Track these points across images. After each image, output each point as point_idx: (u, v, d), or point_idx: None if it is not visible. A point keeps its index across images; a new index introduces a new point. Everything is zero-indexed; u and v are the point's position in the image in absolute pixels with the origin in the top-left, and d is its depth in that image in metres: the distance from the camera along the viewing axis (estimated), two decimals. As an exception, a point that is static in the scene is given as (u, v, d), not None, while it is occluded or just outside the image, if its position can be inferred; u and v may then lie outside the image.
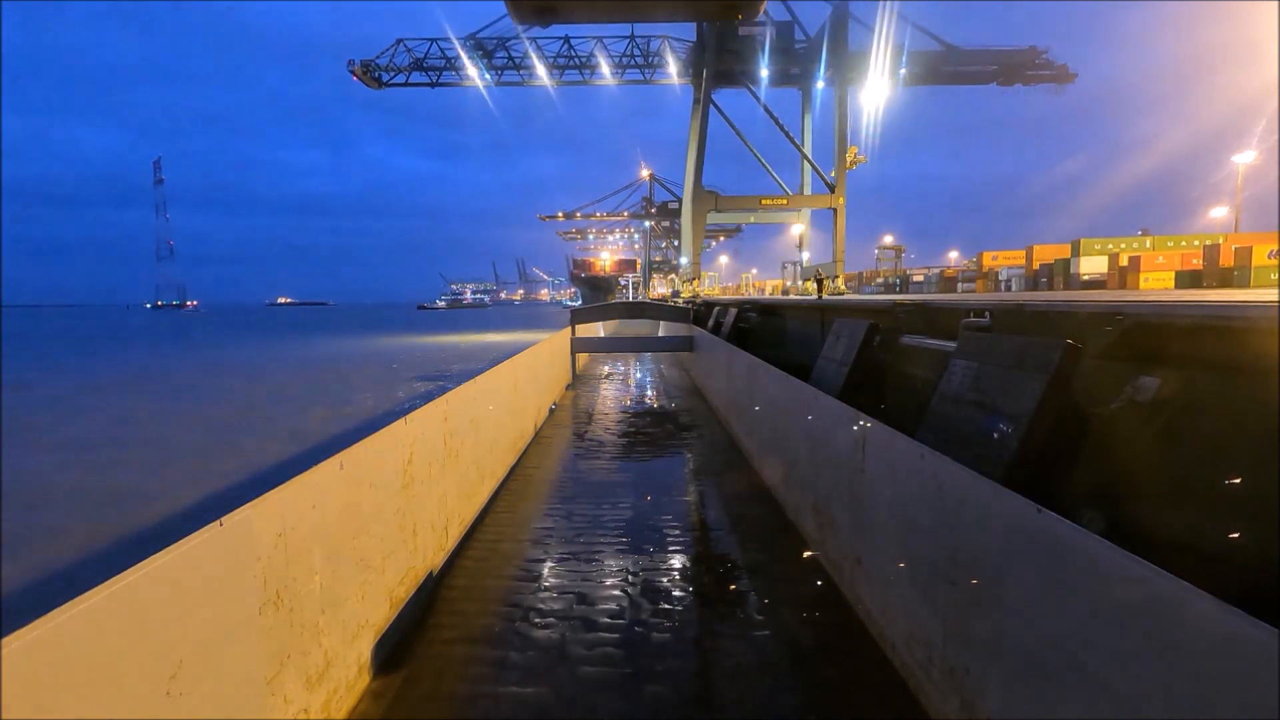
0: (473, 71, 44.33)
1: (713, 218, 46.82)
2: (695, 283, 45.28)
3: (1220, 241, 30.75)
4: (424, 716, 4.68)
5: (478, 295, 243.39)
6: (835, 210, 42.18)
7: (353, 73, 44.50)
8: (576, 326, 24.53)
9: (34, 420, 19.52)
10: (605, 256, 69.41)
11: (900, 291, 48.85)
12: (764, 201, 44.47)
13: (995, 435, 5.53)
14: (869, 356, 9.48)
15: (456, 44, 43.54)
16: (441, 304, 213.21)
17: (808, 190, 45.62)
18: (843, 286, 41.89)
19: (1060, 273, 35.48)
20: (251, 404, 23.14)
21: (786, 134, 43.55)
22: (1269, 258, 26.06)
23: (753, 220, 51.48)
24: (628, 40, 43.68)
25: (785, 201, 44.33)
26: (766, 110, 42.38)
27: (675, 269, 65.48)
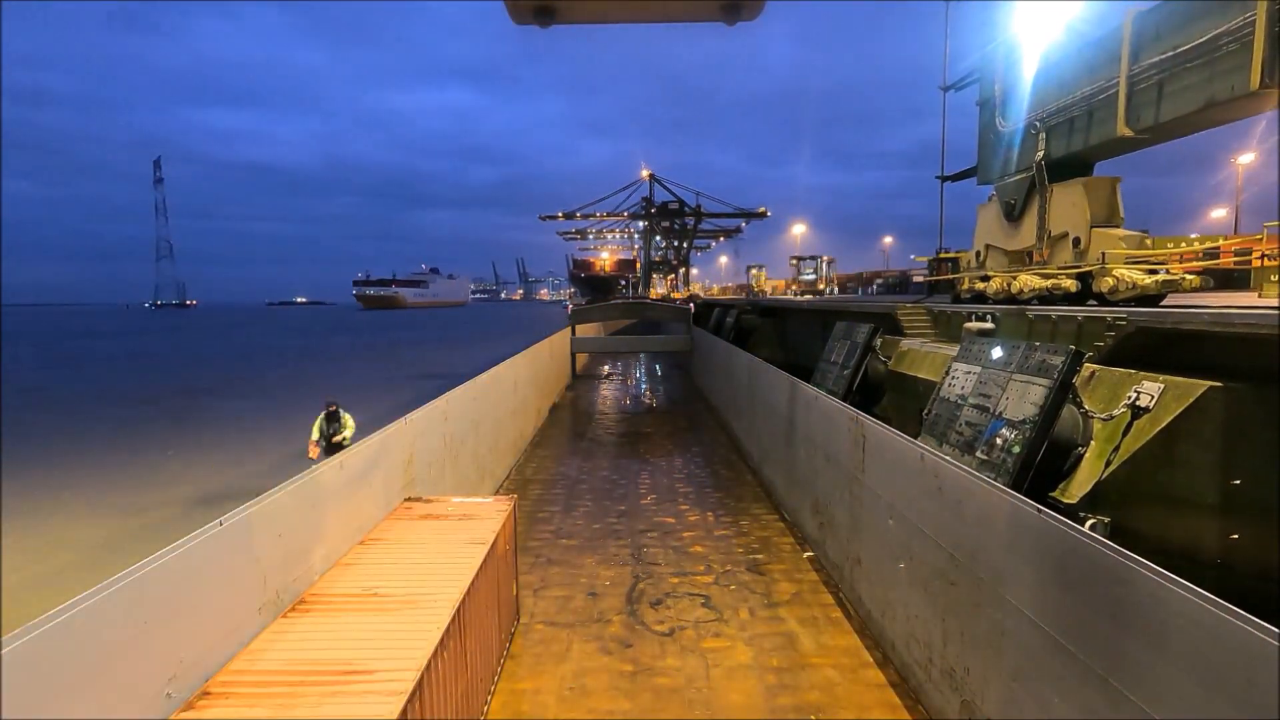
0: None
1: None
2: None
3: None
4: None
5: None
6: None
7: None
8: (576, 327, 24.39)
9: None
10: (605, 256, 69.08)
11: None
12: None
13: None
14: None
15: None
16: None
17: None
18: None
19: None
20: None
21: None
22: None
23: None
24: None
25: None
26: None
27: (675, 269, 65.23)
